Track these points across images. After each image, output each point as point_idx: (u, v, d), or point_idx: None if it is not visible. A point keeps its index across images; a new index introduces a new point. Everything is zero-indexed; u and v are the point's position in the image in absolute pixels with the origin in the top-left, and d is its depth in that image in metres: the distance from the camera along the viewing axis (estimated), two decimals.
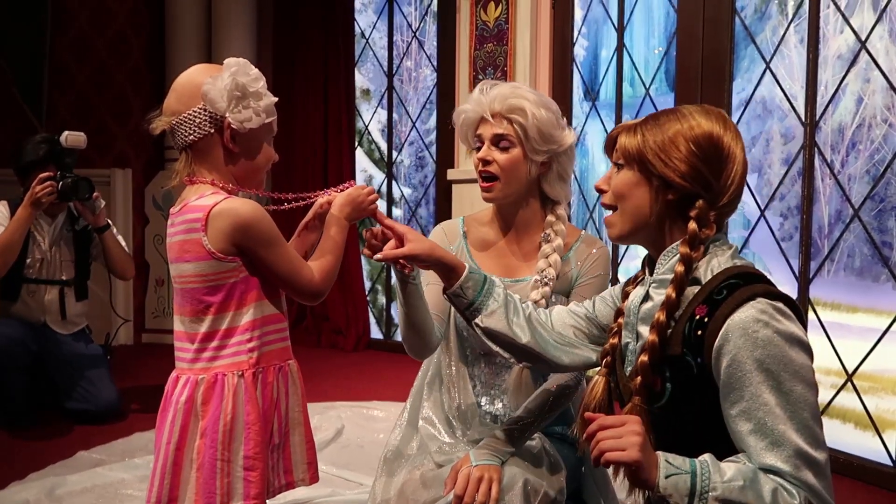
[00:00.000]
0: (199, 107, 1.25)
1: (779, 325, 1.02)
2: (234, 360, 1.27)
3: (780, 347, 1.02)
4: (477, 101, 1.57)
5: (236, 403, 1.25)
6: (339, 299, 4.63)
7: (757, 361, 1.01)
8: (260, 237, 1.26)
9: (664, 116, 1.16)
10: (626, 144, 1.17)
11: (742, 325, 1.02)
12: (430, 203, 4.49)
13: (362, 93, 4.70)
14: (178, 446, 1.25)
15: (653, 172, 1.13)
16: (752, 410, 1.02)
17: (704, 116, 1.14)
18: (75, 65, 4.65)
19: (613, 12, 3.39)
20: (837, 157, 2.55)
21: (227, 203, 1.24)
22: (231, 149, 1.28)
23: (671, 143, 1.12)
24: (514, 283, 1.60)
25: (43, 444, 2.70)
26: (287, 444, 1.35)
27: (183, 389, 1.28)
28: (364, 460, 2.52)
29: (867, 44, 2.45)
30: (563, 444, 1.63)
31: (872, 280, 2.45)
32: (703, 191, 1.12)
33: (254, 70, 1.29)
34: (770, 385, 1.02)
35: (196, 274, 1.26)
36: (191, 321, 1.29)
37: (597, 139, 3.59)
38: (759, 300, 1.04)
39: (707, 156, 1.11)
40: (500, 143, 1.55)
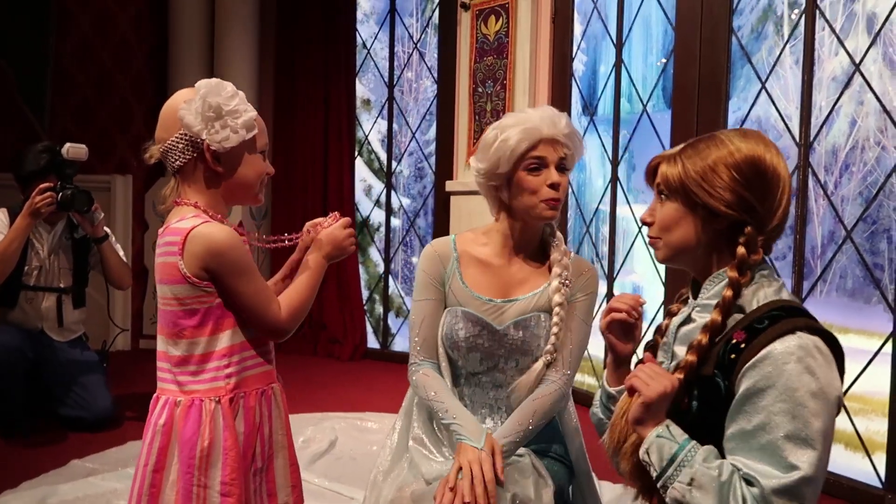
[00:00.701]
0: (179, 133, 1.27)
1: (811, 363, 1.02)
2: (212, 385, 1.28)
3: (803, 385, 1.01)
4: (550, 119, 1.55)
5: (213, 429, 1.26)
6: (336, 308, 4.64)
7: (776, 390, 1.02)
8: (230, 265, 1.25)
9: (703, 144, 1.15)
10: (667, 175, 1.16)
11: (777, 356, 1.02)
12: (428, 214, 4.51)
13: (363, 103, 4.72)
14: (156, 468, 1.26)
15: (697, 203, 1.12)
16: (750, 433, 1.04)
17: (743, 140, 1.13)
18: (78, 71, 4.68)
19: (612, 28, 3.41)
20: (831, 179, 2.57)
21: (204, 227, 1.25)
22: (215, 170, 1.29)
23: (712, 171, 1.11)
24: (507, 303, 1.62)
25: (37, 453, 2.71)
26: (271, 468, 1.36)
27: (162, 411, 1.28)
28: (357, 473, 2.53)
29: (861, 66, 2.46)
30: (551, 461, 1.65)
31: (864, 301, 2.47)
32: (750, 217, 1.11)
33: (228, 88, 1.29)
34: (777, 412, 1.02)
35: (173, 297, 1.27)
36: (168, 342, 1.30)
37: (594, 154, 3.61)
38: (799, 334, 1.03)
39: (750, 181, 1.10)
40: (563, 166, 1.58)
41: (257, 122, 1.32)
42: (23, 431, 2.88)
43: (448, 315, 1.63)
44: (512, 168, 1.56)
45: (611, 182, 3.41)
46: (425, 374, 1.61)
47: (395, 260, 4.67)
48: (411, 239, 4.60)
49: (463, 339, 1.60)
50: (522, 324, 1.60)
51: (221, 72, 4.63)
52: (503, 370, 1.62)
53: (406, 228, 4.61)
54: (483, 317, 1.60)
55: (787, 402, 1.01)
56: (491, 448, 1.46)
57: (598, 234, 3.56)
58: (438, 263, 1.66)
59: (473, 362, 1.62)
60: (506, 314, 1.61)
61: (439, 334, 1.64)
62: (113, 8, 4.72)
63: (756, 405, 1.03)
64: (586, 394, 3.43)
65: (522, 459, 1.56)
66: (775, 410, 1.02)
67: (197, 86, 1.27)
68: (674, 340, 1.20)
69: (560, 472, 1.64)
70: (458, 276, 1.65)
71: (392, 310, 4.65)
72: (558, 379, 1.58)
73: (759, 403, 1.03)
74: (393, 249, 4.65)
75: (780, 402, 1.01)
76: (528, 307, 1.60)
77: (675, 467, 1.05)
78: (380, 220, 4.71)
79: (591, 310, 1.65)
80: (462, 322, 1.61)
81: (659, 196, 1.18)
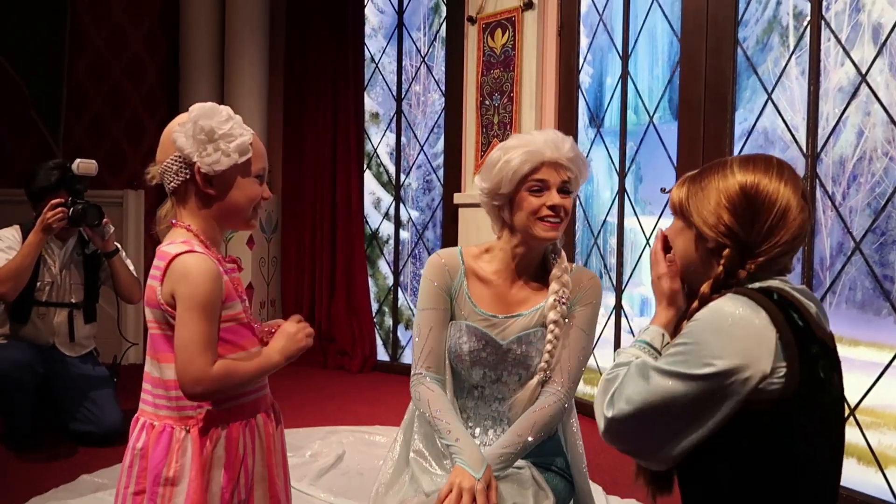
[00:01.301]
0: (174, 155, 1.28)
1: (725, 304, 1.10)
2: (181, 413, 1.27)
3: (714, 316, 1.10)
4: (555, 143, 1.57)
5: (180, 458, 1.25)
6: (345, 321, 4.66)
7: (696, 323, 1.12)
8: (187, 295, 1.21)
9: (710, 169, 1.22)
10: (673, 196, 1.26)
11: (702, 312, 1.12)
12: (437, 226, 4.52)
13: (371, 116, 4.75)
14: (136, 491, 1.26)
15: (692, 222, 1.21)
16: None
17: (740, 168, 1.18)
18: (91, 86, 4.74)
19: (618, 40, 3.41)
20: (839, 190, 2.55)
21: (186, 257, 1.23)
22: (207, 192, 1.29)
23: (704, 195, 1.19)
24: (509, 319, 1.62)
25: (46, 468, 2.73)
26: (251, 500, 1.34)
27: (140, 434, 1.29)
28: (362, 488, 2.53)
29: (867, 77, 2.45)
30: (553, 475, 1.64)
31: (874, 314, 2.44)
32: (731, 241, 1.16)
33: (222, 112, 1.28)
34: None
35: (154, 320, 1.28)
36: (151, 363, 1.30)
37: (601, 165, 3.60)
38: (728, 295, 1.11)
39: (737, 207, 1.15)
40: (566, 189, 1.59)
41: (254, 146, 1.31)
42: (31, 444, 2.90)
43: (453, 328, 1.64)
44: (514, 189, 1.58)
45: (618, 194, 3.41)
46: (429, 389, 1.60)
47: (404, 272, 4.68)
48: (420, 251, 4.61)
49: (467, 353, 1.61)
50: (525, 339, 1.60)
51: (232, 86, 4.68)
52: (506, 383, 1.63)
53: (415, 241, 4.62)
54: (487, 332, 1.61)
55: (692, 336, 1.09)
56: (487, 482, 1.45)
57: (605, 246, 3.55)
58: (446, 274, 1.66)
59: (477, 375, 1.63)
60: (508, 329, 1.62)
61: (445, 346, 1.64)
62: (126, 24, 4.79)
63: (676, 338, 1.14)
64: (590, 404, 3.41)
65: (522, 472, 1.56)
66: (682, 338, 1.11)
67: (191, 109, 1.28)
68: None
69: (561, 485, 1.63)
70: (464, 291, 1.66)
71: (401, 322, 4.66)
72: (559, 391, 1.58)
73: (677, 338, 1.13)
74: (402, 262, 4.66)
75: (686, 335, 1.11)
76: (530, 323, 1.61)
77: (623, 349, 1.25)
78: (389, 232, 4.72)
79: (593, 320, 1.65)
80: (466, 336, 1.61)
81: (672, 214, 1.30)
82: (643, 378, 1.12)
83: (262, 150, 1.36)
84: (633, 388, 1.12)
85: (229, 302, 1.29)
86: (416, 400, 1.63)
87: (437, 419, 1.55)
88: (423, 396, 1.60)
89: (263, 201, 1.36)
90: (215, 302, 1.24)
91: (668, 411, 1.09)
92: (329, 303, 4.74)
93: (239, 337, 1.31)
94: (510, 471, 1.54)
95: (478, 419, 1.66)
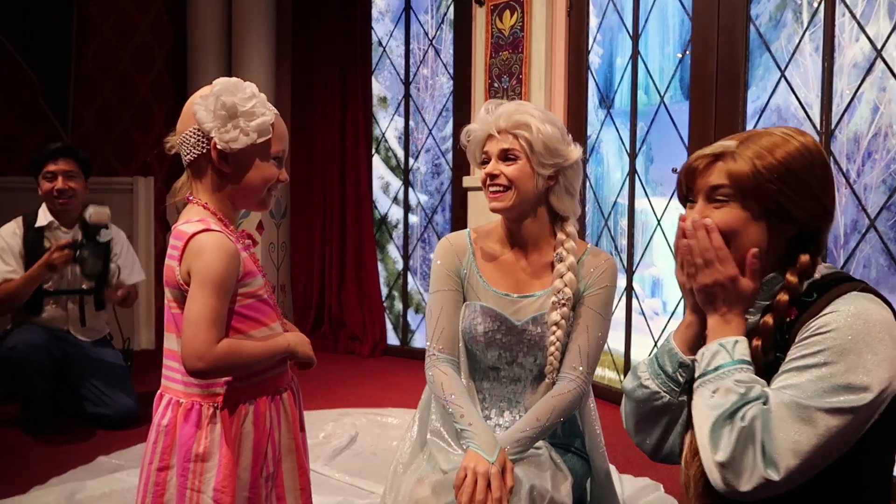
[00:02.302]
0: (193, 128, 1.26)
1: (870, 308, 0.96)
2: (209, 391, 1.26)
3: (857, 333, 0.95)
4: (483, 119, 1.61)
5: (209, 434, 1.25)
6: (355, 306, 4.67)
7: (831, 335, 0.96)
8: (201, 270, 1.20)
9: (766, 140, 1.05)
10: (736, 174, 1.03)
11: (830, 312, 0.97)
12: (446, 210, 4.52)
13: (379, 100, 4.74)
14: (161, 467, 1.26)
15: (770, 208, 1.03)
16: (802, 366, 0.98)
17: (796, 133, 1.06)
18: (100, 75, 4.74)
19: (628, 20, 3.38)
20: (853, 167, 2.53)
21: (204, 236, 1.22)
22: (222, 169, 1.26)
23: (792, 175, 1.02)
24: (523, 299, 1.62)
25: (64, 449, 2.76)
26: (280, 472, 1.35)
27: (165, 411, 1.28)
28: (377, 468, 2.54)
29: (883, 52, 2.42)
30: (572, 456, 1.65)
31: (889, 291, 2.42)
32: (825, 222, 1.05)
33: (247, 89, 1.25)
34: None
35: (173, 299, 1.27)
36: (175, 340, 1.28)
37: (612, 147, 3.58)
38: (853, 293, 0.98)
39: (823, 184, 1.04)
40: (507, 157, 1.58)
41: (275, 127, 1.28)
42: (47, 428, 2.94)
43: (467, 309, 1.64)
44: (479, 165, 1.64)
45: (629, 175, 3.39)
46: (444, 373, 1.60)
47: (413, 256, 4.68)
48: (429, 235, 4.61)
49: (482, 335, 1.61)
50: (541, 319, 1.60)
51: (239, 72, 4.67)
52: (522, 365, 1.63)
53: (424, 225, 4.62)
54: (501, 312, 1.61)
55: (844, 349, 0.94)
56: (502, 465, 1.44)
57: (616, 228, 3.54)
58: (454, 256, 1.67)
59: (492, 357, 1.63)
60: (523, 309, 1.61)
61: (459, 327, 1.64)
62: (133, 13, 4.78)
63: (810, 347, 0.97)
64: (607, 388, 3.42)
65: (541, 453, 1.56)
66: (830, 354, 0.95)
67: (214, 83, 1.25)
68: None
69: (580, 466, 1.64)
70: (475, 271, 1.66)
71: (411, 306, 4.67)
72: (578, 377, 1.57)
73: (814, 346, 0.96)
74: (411, 246, 4.66)
75: (836, 349, 0.94)
76: (545, 303, 1.60)
77: (714, 375, 1.01)
78: (398, 217, 4.72)
79: (609, 302, 1.64)
80: (481, 317, 1.61)
81: (709, 200, 1.07)
82: (805, 422, 0.93)
83: (284, 131, 1.32)
84: (797, 437, 0.93)
85: (249, 279, 1.28)
86: (430, 383, 1.64)
87: (450, 403, 1.56)
88: (437, 380, 1.60)
89: (279, 184, 1.34)
90: (229, 280, 1.22)
91: (838, 448, 0.95)
92: (339, 288, 4.75)
93: (260, 314, 1.31)
94: (528, 452, 1.54)
95: (493, 401, 1.66)
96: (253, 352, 1.27)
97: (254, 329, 1.29)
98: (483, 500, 1.39)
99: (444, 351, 1.63)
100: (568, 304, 1.57)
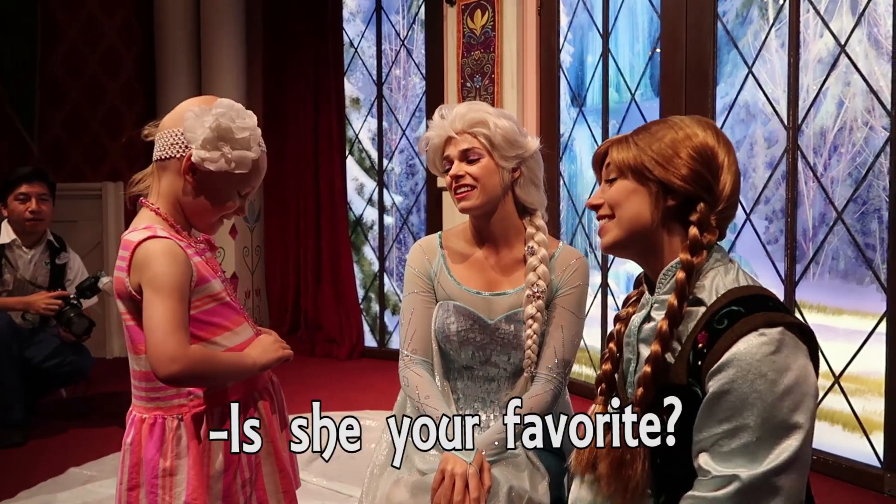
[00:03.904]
0: (178, 129, 1.24)
1: (776, 359, 0.99)
2: (172, 403, 1.24)
3: (768, 384, 0.99)
4: (439, 124, 1.60)
5: (175, 448, 1.22)
6: (332, 308, 4.64)
7: (742, 393, 1.00)
8: (151, 277, 1.17)
9: (656, 127, 1.15)
10: (621, 156, 1.14)
11: (740, 358, 1.00)
12: (421, 210, 4.51)
13: (352, 102, 4.72)
14: (130, 487, 1.23)
15: (650, 178, 1.11)
16: (722, 437, 1.02)
17: (700, 127, 1.13)
18: (67, 79, 4.67)
19: (598, 18, 3.40)
20: (820, 161, 2.56)
21: (150, 242, 1.19)
22: (186, 179, 1.24)
23: (670, 149, 1.11)
24: (496, 297, 1.62)
25: (34, 461, 2.71)
26: (259, 476, 1.32)
27: (130, 429, 1.26)
28: (354, 471, 2.52)
29: (846, 47, 2.46)
30: (546, 453, 1.65)
31: (857, 282, 2.46)
32: (706, 193, 1.10)
33: (247, 119, 1.24)
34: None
35: (126, 311, 1.24)
36: (132, 358, 1.27)
37: (585, 144, 3.60)
38: (761, 331, 1.00)
39: (707, 162, 1.10)
40: (469, 156, 1.58)
41: (257, 164, 1.26)
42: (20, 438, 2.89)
43: (440, 309, 1.64)
44: (443, 172, 1.63)
45: None
46: (417, 374, 1.60)
47: (389, 258, 4.66)
48: (405, 236, 4.60)
49: (455, 333, 1.60)
50: (514, 317, 1.60)
51: (210, 75, 4.62)
52: (495, 364, 1.63)
53: (399, 226, 4.61)
54: (474, 310, 1.61)
55: (755, 404, 0.99)
56: (479, 465, 1.43)
57: (590, 225, 3.56)
58: (423, 258, 1.67)
59: (466, 356, 1.63)
60: (495, 308, 1.61)
61: (432, 328, 1.64)
62: (100, 15, 4.71)
63: (724, 409, 1.01)
64: (583, 384, 3.43)
65: (518, 453, 1.56)
66: (745, 414, 0.99)
67: (218, 101, 1.23)
68: (637, 339, 1.17)
69: (554, 463, 1.64)
70: (445, 271, 1.66)
71: (388, 308, 4.65)
72: (553, 377, 1.58)
73: (727, 407, 1.01)
74: (387, 247, 4.65)
75: (749, 405, 0.99)
76: (518, 301, 1.61)
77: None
78: (373, 218, 4.70)
79: (582, 301, 1.65)
80: (454, 316, 1.61)
81: (607, 181, 1.18)
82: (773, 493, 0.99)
83: (262, 171, 1.30)
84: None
85: (203, 284, 1.25)
86: (404, 386, 1.63)
87: (425, 405, 1.55)
88: (412, 382, 1.60)
89: (234, 215, 1.32)
90: (182, 284, 1.18)
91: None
92: (315, 290, 4.72)
93: (221, 318, 1.28)
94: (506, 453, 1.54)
95: (467, 400, 1.66)
96: (227, 364, 1.24)
97: (217, 335, 1.26)
98: (461, 500, 1.39)
99: (417, 353, 1.63)
100: (543, 297, 1.57)
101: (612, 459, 1.11)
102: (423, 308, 1.64)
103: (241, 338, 1.30)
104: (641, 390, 1.09)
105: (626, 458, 1.10)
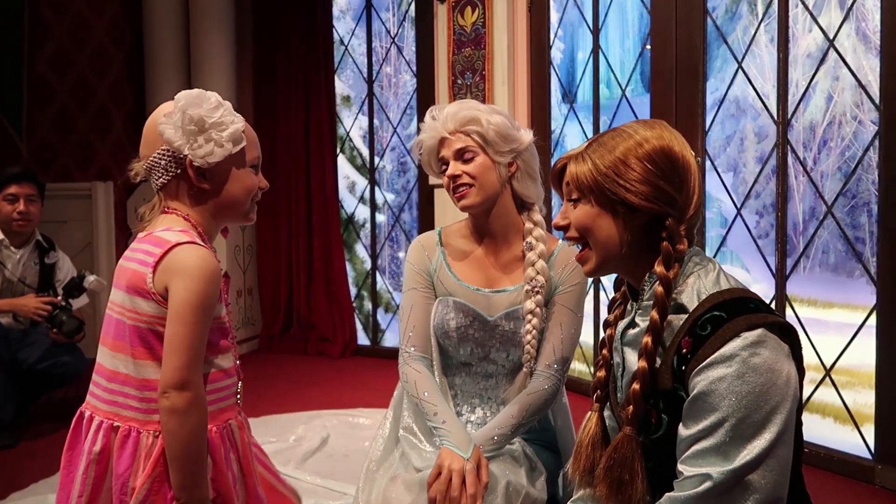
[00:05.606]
0: (161, 149, 1.18)
1: (755, 360, 1.00)
2: (150, 416, 1.16)
3: (749, 383, 1.00)
4: (431, 126, 1.60)
5: (148, 465, 1.15)
6: (324, 307, 4.63)
7: (723, 392, 1.00)
8: (192, 290, 1.12)
9: (607, 136, 1.12)
10: (577, 174, 1.12)
11: (720, 361, 1.01)
12: (413, 208, 4.50)
13: (343, 100, 4.71)
14: (90, 500, 1.17)
15: (613, 199, 1.09)
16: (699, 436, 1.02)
17: (649, 129, 1.11)
18: (55, 78, 4.63)
19: (588, 15, 3.41)
20: (810, 155, 2.58)
21: (190, 248, 1.14)
22: (201, 187, 1.19)
23: (623, 164, 1.08)
24: (495, 294, 1.62)
25: (26, 462, 2.69)
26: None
27: (96, 436, 1.17)
28: (349, 469, 2.52)
29: (835, 42, 2.47)
30: (543, 450, 1.65)
31: (847, 276, 2.48)
32: (670, 208, 1.08)
33: (211, 99, 1.18)
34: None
35: (132, 308, 1.17)
36: (111, 354, 1.19)
37: (576, 141, 3.61)
38: (744, 335, 1.01)
39: (664, 170, 1.08)
40: (464, 155, 1.58)
41: (246, 133, 1.22)
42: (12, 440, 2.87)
43: (440, 305, 1.64)
44: (440, 174, 1.63)
45: None
46: (417, 371, 1.60)
47: (381, 256, 4.66)
48: (397, 234, 4.59)
49: (454, 329, 1.60)
50: (513, 315, 1.60)
51: (199, 74, 4.60)
52: (494, 360, 1.63)
53: (391, 224, 4.60)
54: (474, 307, 1.61)
55: (731, 404, 0.99)
56: (477, 461, 1.44)
57: None
58: (423, 255, 1.67)
59: (465, 352, 1.63)
60: (495, 305, 1.62)
61: (431, 324, 1.64)
62: (88, 14, 4.68)
63: (702, 410, 1.01)
64: (578, 381, 3.44)
65: (515, 448, 1.57)
66: (720, 414, 1.00)
67: (177, 98, 1.18)
68: (622, 345, 1.18)
69: (551, 459, 1.64)
70: (445, 267, 1.66)
71: (381, 306, 4.65)
72: (552, 375, 1.58)
73: (704, 408, 1.01)
74: (379, 245, 4.64)
75: (725, 405, 0.99)
76: (517, 299, 1.61)
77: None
78: (365, 216, 4.70)
79: (581, 299, 1.65)
80: (453, 312, 1.61)
81: (569, 200, 1.15)
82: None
83: (255, 137, 1.27)
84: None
85: (219, 303, 1.21)
86: (403, 382, 1.64)
87: (423, 401, 1.56)
88: (411, 378, 1.60)
89: (260, 191, 1.28)
90: (214, 306, 1.15)
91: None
92: (307, 289, 4.71)
93: (217, 339, 1.23)
94: (503, 449, 1.54)
95: (465, 396, 1.66)
96: (201, 450, 1.16)
97: (210, 355, 1.21)
98: (458, 496, 1.39)
99: (416, 349, 1.63)
100: (542, 292, 1.58)
101: (611, 482, 1.11)
102: (422, 304, 1.64)
103: (216, 369, 1.24)
104: (631, 408, 1.10)
105: (624, 479, 1.10)
